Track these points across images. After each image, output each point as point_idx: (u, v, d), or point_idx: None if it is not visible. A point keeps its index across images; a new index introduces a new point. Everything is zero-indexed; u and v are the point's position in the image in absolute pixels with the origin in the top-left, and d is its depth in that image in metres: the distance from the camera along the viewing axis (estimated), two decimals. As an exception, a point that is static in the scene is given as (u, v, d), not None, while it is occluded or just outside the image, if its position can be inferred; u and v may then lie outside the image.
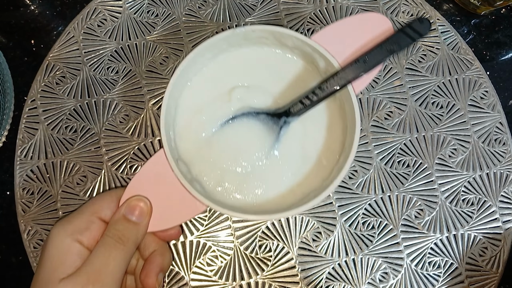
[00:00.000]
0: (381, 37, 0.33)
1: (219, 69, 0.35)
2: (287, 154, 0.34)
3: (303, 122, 0.34)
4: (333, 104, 0.35)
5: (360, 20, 0.34)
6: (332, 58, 0.32)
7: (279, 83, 0.35)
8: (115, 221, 0.28)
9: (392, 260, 0.36)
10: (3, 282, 0.36)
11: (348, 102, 0.32)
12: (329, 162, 0.33)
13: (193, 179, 0.32)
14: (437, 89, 0.40)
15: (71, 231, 0.27)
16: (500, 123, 0.39)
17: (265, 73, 0.35)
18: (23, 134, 0.38)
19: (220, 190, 0.33)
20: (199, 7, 0.41)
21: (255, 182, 0.33)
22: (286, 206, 0.32)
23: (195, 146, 0.34)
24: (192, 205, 0.30)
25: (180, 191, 0.30)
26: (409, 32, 0.31)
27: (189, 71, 0.33)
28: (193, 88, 0.35)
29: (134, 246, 0.28)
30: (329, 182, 0.30)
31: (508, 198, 0.37)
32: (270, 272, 0.35)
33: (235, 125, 0.34)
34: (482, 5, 0.42)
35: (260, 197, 0.33)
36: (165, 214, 0.30)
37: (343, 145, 0.33)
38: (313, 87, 0.32)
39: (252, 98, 0.34)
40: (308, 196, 0.32)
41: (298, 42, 0.33)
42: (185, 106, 0.34)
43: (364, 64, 0.31)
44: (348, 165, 0.30)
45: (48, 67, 0.39)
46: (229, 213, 0.29)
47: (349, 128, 0.32)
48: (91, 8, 0.41)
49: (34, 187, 0.36)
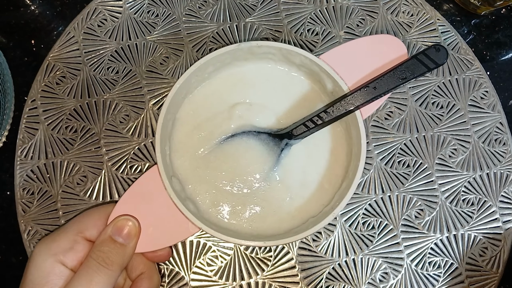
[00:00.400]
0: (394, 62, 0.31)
1: (222, 84, 0.34)
2: (287, 177, 0.32)
3: (305, 144, 0.33)
4: (338, 127, 0.33)
5: (373, 41, 0.32)
6: (340, 79, 0.31)
7: (283, 102, 0.34)
8: (100, 242, 0.27)
9: (392, 260, 0.36)
10: (3, 282, 0.36)
11: (354, 127, 0.31)
12: (331, 187, 0.32)
13: (187, 198, 0.31)
14: (437, 89, 0.40)
15: (54, 251, 0.26)
16: (500, 123, 0.39)
17: (269, 90, 0.34)
18: (23, 134, 0.38)
19: (215, 211, 0.31)
20: (199, 7, 0.41)
21: (251, 205, 0.32)
22: (283, 231, 0.31)
23: (191, 163, 0.32)
24: (184, 226, 0.29)
25: (172, 211, 0.29)
26: (424, 59, 0.30)
27: (190, 84, 0.32)
28: (193, 102, 0.33)
29: (120, 269, 0.26)
30: (330, 209, 0.29)
31: (508, 198, 0.37)
32: (270, 272, 0.35)
33: (235, 144, 0.32)
34: (482, 5, 0.42)
35: (256, 221, 0.31)
36: (155, 235, 0.29)
37: (347, 170, 0.31)
38: (319, 110, 0.31)
39: (254, 116, 0.33)
40: (307, 222, 0.30)
41: (306, 60, 0.32)
42: (183, 120, 0.33)
43: (374, 90, 0.29)
44: (351, 194, 0.29)
45: (49, 67, 0.39)
46: (223, 237, 0.28)
47: (354, 153, 0.31)
48: (91, 8, 0.41)
49: (34, 187, 0.36)
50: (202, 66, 0.31)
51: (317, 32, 0.41)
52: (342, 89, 0.31)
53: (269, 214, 0.31)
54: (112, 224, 0.28)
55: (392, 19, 0.42)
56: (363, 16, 0.41)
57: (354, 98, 0.30)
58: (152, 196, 0.29)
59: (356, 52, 0.33)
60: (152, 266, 0.30)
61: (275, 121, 0.34)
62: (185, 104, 0.33)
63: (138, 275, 0.29)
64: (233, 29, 0.41)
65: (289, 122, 0.33)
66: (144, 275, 0.29)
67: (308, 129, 0.31)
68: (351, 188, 0.29)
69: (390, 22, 0.41)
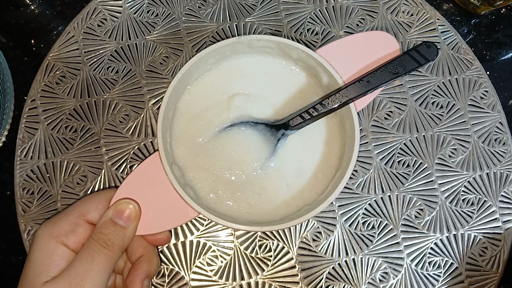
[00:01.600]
0: (387, 57, 0.32)
1: (221, 76, 0.35)
2: (283, 166, 0.33)
3: (301, 134, 0.34)
4: (333, 119, 0.34)
5: (367, 37, 0.34)
6: (335, 73, 0.32)
7: (280, 94, 0.35)
8: (101, 224, 0.28)
9: (392, 260, 0.36)
10: (3, 281, 0.36)
11: (348, 119, 0.32)
12: (325, 177, 0.33)
13: (187, 184, 0.32)
14: (437, 89, 0.40)
15: (56, 234, 0.27)
16: (500, 123, 0.39)
17: (266, 83, 0.35)
18: (23, 134, 0.38)
19: (213, 197, 0.32)
20: (199, 7, 0.41)
21: (249, 192, 0.33)
22: (278, 217, 0.32)
23: (191, 151, 0.33)
24: (183, 211, 0.30)
25: (172, 196, 0.30)
26: (415, 55, 0.31)
27: (190, 75, 0.33)
28: (193, 93, 0.35)
29: (120, 251, 0.27)
30: (324, 197, 0.30)
31: (508, 198, 0.37)
32: (270, 272, 0.35)
33: (232, 133, 0.33)
34: (482, 5, 0.42)
35: (253, 207, 0.32)
36: (155, 218, 0.30)
37: (340, 161, 0.33)
38: (315, 102, 0.32)
39: (251, 107, 0.34)
40: (302, 209, 0.31)
41: (303, 54, 0.33)
42: (184, 110, 0.34)
43: (367, 84, 0.31)
44: (344, 183, 0.30)
45: (48, 67, 0.39)
46: (221, 221, 0.29)
47: (347, 145, 0.32)
48: (91, 8, 0.41)
49: (34, 187, 0.36)
50: (203, 57, 0.32)
51: (317, 31, 0.41)
52: (337, 82, 0.32)
53: (265, 201, 0.33)
54: (113, 207, 0.28)
55: (392, 18, 0.42)
56: (363, 16, 0.41)
57: (348, 91, 0.31)
58: (153, 181, 0.30)
59: (351, 47, 0.34)
60: (152, 249, 0.31)
61: (272, 112, 0.34)
62: (186, 94, 0.34)
63: (138, 258, 0.30)
64: (232, 28, 0.41)
65: (286, 114, 0.34)
66: (144, 258, 0.30)
67: (304, 120, 0.32)
68: (345, 178, 0.30)
69: (390, 22, 0.41)
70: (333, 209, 0.37)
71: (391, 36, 0.34)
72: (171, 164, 0.30)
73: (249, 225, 0.29)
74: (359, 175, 0.38)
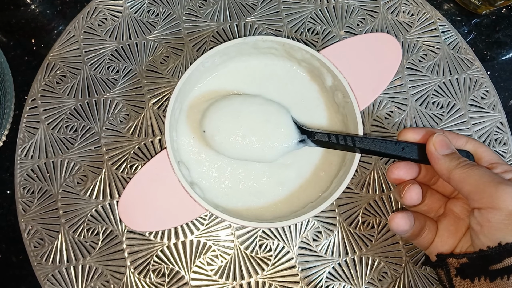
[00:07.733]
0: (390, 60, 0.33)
1: (226, 76, 0.36)
2: (288, 164, 0.34)
3: None
4: (335, 117, 0.35)
5: (370, 39, 0.35)
6: (339, 74, 0.33)
7: (284, 95, 0.35)
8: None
9: (392, 259, 0.36)
10: (3, 281, 0.36)
11: (352, 118, 0.32)
12: (326, 175, 0.34)
13: (193, 182, 0.33)
14: (438, 89, 0.40)
15: None
16: (500, 123, 0.39)
17: (270, 84, 0.36)
18: (23, 134, 0.38)
19: (220, 195, 0.33)
20: (200, 7, 0.41)
21: (253, 190, 0.34)
22: (283, 215, 0.33)
23: (197, 149, 0.34)
24: (191, 208, 0.31)
25: (180, 193, 0.31)
26: None
27: (196, 76, 0.34)
28: (200, 93, 0.35)
29: None
30: (328, 194, 0.31)
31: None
32: (270, 272, 0.35)
33: None
34: (482, 5, 0.42)
35: (259, 204, 0.33)
36: (164, 215, 0.31)
37: (344, 159, 0.33)
38: (343, 134, 0.31)
39: None
40: (306, 207, 0.32)
41: (307, 55, 0.33)
42: (190, 109, 0.35)
43: (401, 150, 0.29)
44: (348, 180, 0.30)
45: (49, 67, 0.39)
46: (227, 218, 0.30)
47: None
48: (91, 8, 0.41)
49: (34, 186, 0.36)
50: (209, 58, 0.33)
51: (317, 31, 0.41)
52: (341, 83, 0.32)
53: (269, 199, 0.34)
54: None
55: (392, 18, 0.42)
56: (363, 16, 0.41)
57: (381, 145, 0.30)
58: (160, 179, 0.31)
59: (354, 49, 0.34)
60: None
61: None
62: (192, 94, 0.35)
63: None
64: (233, 28, 0.41)
65: None
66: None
67: (329, 141, 0.31)
68: (348, 175, 0.30)
69: (390, 22, 0.41)
70: (333, 209, 0.37)
71: (393, 38, 0.34)
72: (178, 162, 0.31)
73: (256, 221, 0.30)
74: (359, 174, 0.38)
